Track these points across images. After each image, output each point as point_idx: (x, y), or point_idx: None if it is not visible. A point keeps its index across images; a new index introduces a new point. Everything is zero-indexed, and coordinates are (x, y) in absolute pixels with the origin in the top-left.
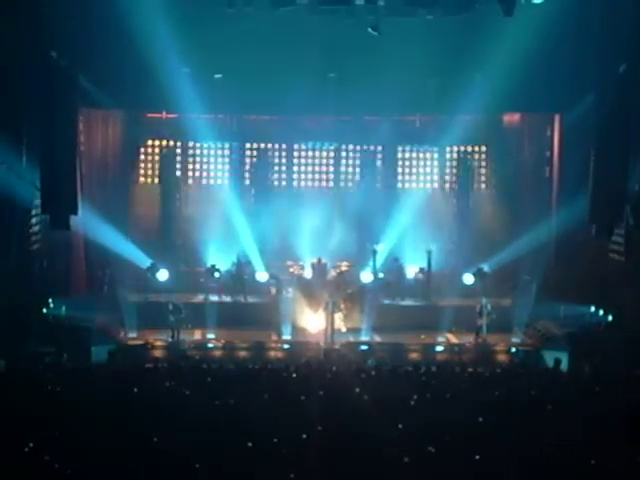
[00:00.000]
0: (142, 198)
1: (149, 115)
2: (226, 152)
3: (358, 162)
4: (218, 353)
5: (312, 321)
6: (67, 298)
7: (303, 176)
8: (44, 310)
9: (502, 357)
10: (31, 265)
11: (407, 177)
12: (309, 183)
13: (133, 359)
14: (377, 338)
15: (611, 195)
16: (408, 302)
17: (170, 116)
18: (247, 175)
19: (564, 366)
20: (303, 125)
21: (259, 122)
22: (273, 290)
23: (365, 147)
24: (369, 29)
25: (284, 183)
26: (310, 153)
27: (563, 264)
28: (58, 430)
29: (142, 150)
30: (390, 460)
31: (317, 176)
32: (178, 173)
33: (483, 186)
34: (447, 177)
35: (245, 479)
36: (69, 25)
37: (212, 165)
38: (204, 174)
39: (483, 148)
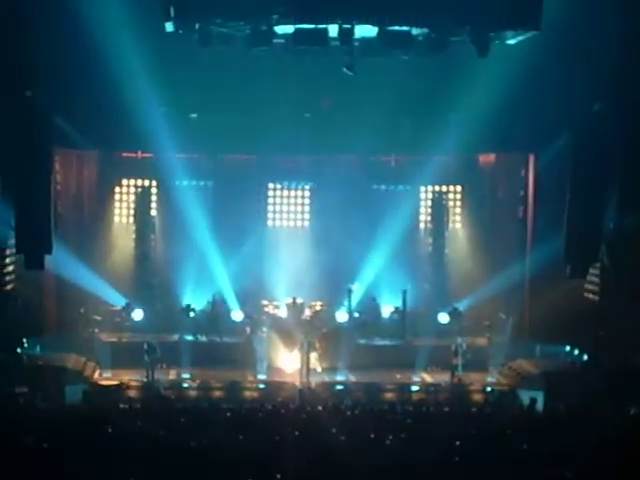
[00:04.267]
0: (117, 237)
1: (124, 154)
2: (201, 191)
3: (333, 201)
4: (193, 393)
5: (287, 361)
6: (41, 338)
7: (278, 215)
8: (18, 350)
9: (478, 396)
10: (5, 305)
11: (382, 216)
12: (284, 222)
13: (107, 399)
14: (353, 378)
15: (586, 234)
16: (383, 341)
17: (145, 155)
18: (222, 214)
19: (540, 405)
20: (278, 164)
21: (235, 161)
22: (248, 330)
23: (340, 187)
24: (344, 69)
25: (259, 222)
26: (285, 192)
27: (538, 303)
28: (33, 472)
29: (117, 189)
30: None
31: (292, 215)
32: (154, 212)
33: (458, 226)
34: (422, 217)
35: None
36: (45, 65)
37: (187, 204)
38: (179, 213)
39: (458, 188)
